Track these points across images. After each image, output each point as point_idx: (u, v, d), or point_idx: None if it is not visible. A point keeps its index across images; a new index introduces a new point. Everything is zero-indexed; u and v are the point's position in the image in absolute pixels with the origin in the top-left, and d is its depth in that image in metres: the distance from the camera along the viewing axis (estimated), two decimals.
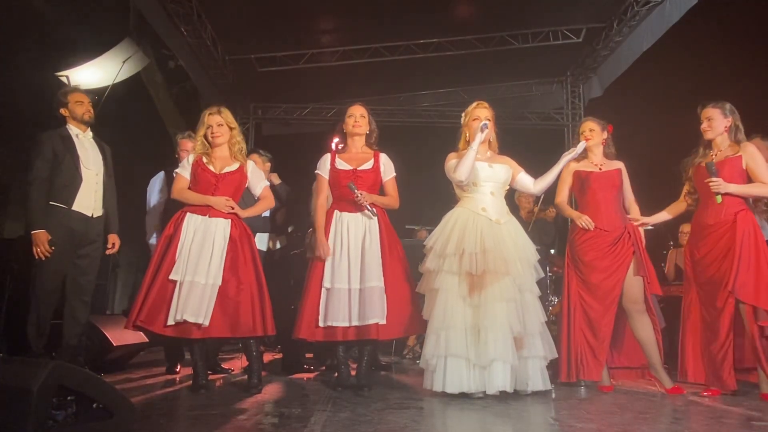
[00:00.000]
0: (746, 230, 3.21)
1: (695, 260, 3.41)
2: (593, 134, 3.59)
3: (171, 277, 3.13)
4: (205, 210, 3.29)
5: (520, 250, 3.20)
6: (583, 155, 3.62)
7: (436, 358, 3.07)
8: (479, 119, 3.37)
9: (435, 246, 3.24)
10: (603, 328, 3.41)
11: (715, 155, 3.39)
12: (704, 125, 3.41)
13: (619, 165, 3.60)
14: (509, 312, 3.05)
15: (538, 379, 3.15)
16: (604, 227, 3.45)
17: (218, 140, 3.39)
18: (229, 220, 3.31)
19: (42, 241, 3.34)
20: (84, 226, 3.53)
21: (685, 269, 3.57)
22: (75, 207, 3.50)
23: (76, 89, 3.80)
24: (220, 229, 3.27)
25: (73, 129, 3.60)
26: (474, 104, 3.50)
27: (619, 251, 3.41)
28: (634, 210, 3.59)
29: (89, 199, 3.56)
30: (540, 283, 3.33)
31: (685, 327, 3.48)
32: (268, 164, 4.68)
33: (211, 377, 3.68)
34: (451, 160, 3.40)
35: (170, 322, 3.09)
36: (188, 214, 3.28)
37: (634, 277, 3.38)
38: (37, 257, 3.37)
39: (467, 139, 3.43)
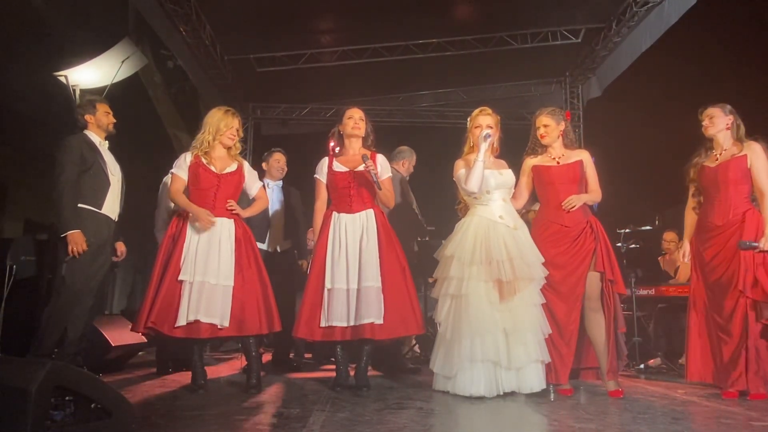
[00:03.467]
0: (755, 230, 3.21)
1: (703, 262, 3.36)
2: (548, 130, 3.40)
3: (180, 278, 3.15)
4: (211, 210, 3.29)
5: (536, 255, 3.26)
6: (542, 150, 3.48)
7: (467, 363, 3.09)
8: (481, 127, 3.39)
9: (458, 254, 3.26)
10: (569, 328, 3.25)
11: (720, 154, 3.39)
12: (705, 122, 3.41)
13: (581, 155, 3.41)
14: (541, 315, 3.19)
15: (542, 380, 3.18)
16: (566, 223, 3.30)
17: (231, 142, 3.42)
18: (233, 220, 3.34)
19: (80, 240, 3.37)
20: (108, 228, 3.61)
21: (691, 270, 3.51)
22: (104, 210, 3.57)
23: (104, 100, 3.86)
24: (225, 230, 3.30)
25: (94, 136, 3.66)
26: (477, 110, 3.49)
27: (580, 247, 3.27)
28: (583, 198, 3.33)
29: (114, 203, 3.65)
30: None
31: (690, 328, 3.39)
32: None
33: (183, 374, 3.79)
34: (459, 170, 3.41)
35: (181, 322, 3.10)
36: (192, 214, 3.29)
37: (592, 273, 3.25)
38: (71, 256, 3.38)
39: (471, 145, 3.44)
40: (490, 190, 3.36)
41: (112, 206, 3.63)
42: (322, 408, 2.74)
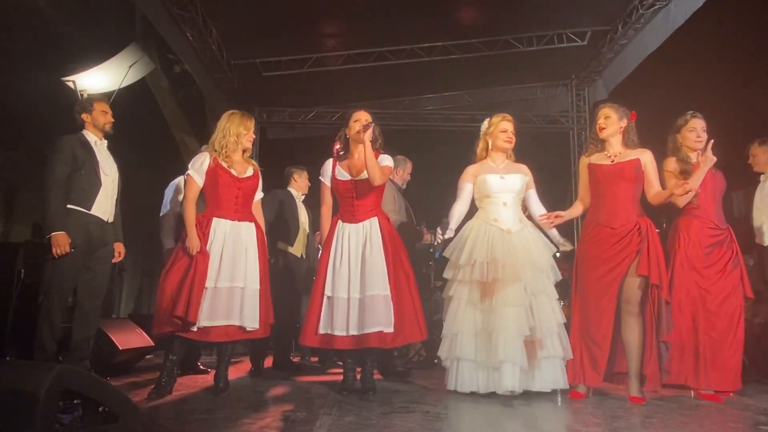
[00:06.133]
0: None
1: (704, 264, 3.38)
2: (608, 122, 3.31)
3: (207, 284, 3.18)
4: (233, 214, 3.33)
5: (531, 257, 3.27)
6: (599, 147, 3.38)
7: (450, 361, 3.30)
8: (506, 132, 3.50)
9: (451, 257, 3.41)
10: (601, 329, 3.19)
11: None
12: (701, 135, 3.46)
13: (640, 155, 3.27)
14: (519, 316, 3.16)
15: (559, 379, 3.21)
16: (609, 223, 3.21)
17: (250, 144, 3.48)
18: (253, 224, 3.39)
19: (64, 242, 3.34)
20: (100, 230, 3.56)
21: (683, 273, 3.41)
22: (93, 211, 3.52)
23: (102, 99, 3.84)
24: (250, 234, 3.35)
25: (90, 136, 3.63)
26: (500, 116, 3.55)
27: (623, 248, 3.16)
28: (656, 197, 3.27)
29: (106, 203, 3.60)
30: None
31: (684, 328, 3.36)
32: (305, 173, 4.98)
33: (190, 377, 3.84)
34: (465, 182, 3.51)
35: (208, 324, 3.15)
36: (215, 219, 3.30)
37: (633, 276, 3.13)
38: (55, 258, 3.36)
39: (488, 147, 3.55)
40: (491, 195, 3.42)
41: (103, 207, 3.57)
42: (329, 411, 2.73)
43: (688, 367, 3.30)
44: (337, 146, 3.54)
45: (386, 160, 3.43)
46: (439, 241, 3.40)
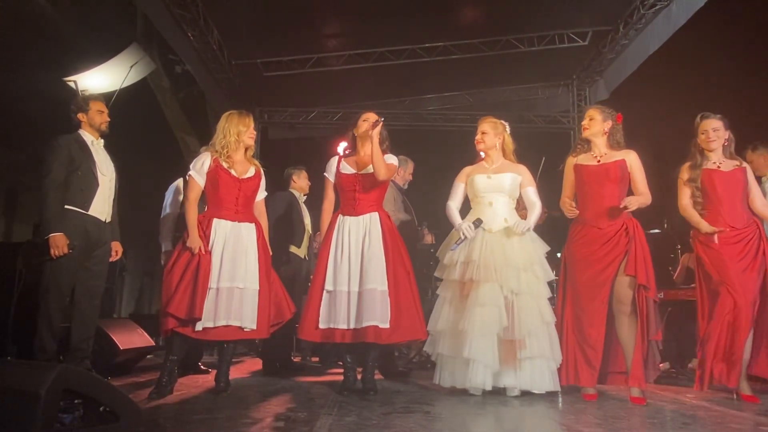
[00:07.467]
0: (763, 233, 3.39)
1: (734, 264, 3.28)
2: (592, 123, 3.37)
3: (210, 285, 3.18)
4: (233, 215, 3.33)
5: (510, 256, 3.29)
6: (586, 148, 3.44)
7: (435, 356, 3.43)
8: (477, 134, 3.56)
9: (440, 257, 3.52)
10: (594, 331, 3.20)
11: (720, 164, 3.41)
12: (711, 135, 3.41)
13: (624, 156, 3.32)
14: (488, 316, 3.20)
15: (545, 380, 3.19)
16: (596, 223, 3.26)
17: (252, 141, 3.47)
18: (254, 224, 3.39)
19: (61, 243, 3.34)
20: (97, 230, 3.56)
21: (708, 271, 3.37)
22: (91, 211, 3.52)
23: (98, 98, 3.81)
24: (250, 234, 3.34)
25: (87, 135, 3.62)
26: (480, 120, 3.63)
27: (611, 248, 3.20)
28: (638, 200, 3.22)
29: (104, 204, 3.59)
30: None
31: (711, 330, 3.27)
32: (305, 173, 4.98)
33: (191, 377, 3.84)
34: (458, 183, 3.59)
35: (209, 324, 3.14)
36: (215, 219, 3.30)
37: (622, 276, 3.17)
38: (54, 259, 3.36)
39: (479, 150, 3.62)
40: (478, 195, 3.47)
41: (101, 207, 3.57)
42: (329, 412, 2.73)
43: (721, 371, 3.22)
44: (344, 144, 3.57)
45: (392, 158, 3.47)
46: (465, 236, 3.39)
